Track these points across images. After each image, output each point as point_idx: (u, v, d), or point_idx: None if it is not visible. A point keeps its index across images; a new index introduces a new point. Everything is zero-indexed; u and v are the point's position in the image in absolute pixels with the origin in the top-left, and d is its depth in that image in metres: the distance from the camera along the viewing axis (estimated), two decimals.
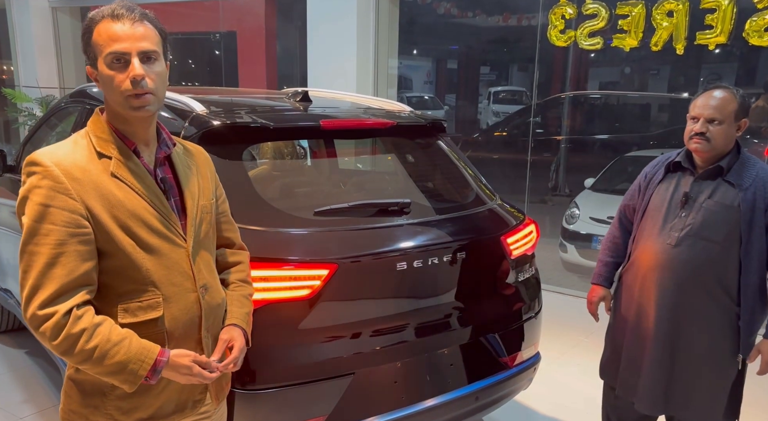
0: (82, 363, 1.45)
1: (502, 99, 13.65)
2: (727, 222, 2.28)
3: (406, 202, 2.53)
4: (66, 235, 1.42)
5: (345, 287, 2.28)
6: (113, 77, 1.46)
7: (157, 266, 1.53)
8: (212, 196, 1.75)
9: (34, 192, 1.43)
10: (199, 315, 1.63)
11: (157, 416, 1.59)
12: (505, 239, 2.69)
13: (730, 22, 4.59)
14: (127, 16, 1.47)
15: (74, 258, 1.43)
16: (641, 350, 2.48)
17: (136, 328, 1.51)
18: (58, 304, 1.41)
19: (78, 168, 1.47)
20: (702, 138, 2.30)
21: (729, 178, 2.31)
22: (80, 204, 1.44)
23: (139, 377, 1.47)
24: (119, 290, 1.51)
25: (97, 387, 1.54)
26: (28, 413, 3.45)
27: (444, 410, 2.51)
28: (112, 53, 1.46)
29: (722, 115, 2.27)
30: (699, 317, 2.36)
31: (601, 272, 2.71)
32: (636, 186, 2.62)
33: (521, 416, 3.53)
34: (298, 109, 2.82)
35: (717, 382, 2.40)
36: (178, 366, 1.52)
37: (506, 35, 9.95)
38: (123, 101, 1.48)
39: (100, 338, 1.43)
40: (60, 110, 3.81)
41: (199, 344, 1.64)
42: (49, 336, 1.41)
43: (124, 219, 1.49)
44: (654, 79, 8.41)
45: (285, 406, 2.20)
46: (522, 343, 2.80)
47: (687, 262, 2.33)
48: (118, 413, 1.55)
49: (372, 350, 2.36)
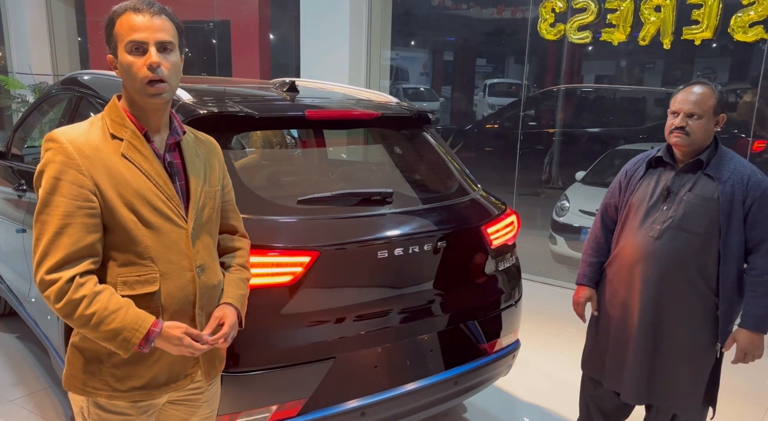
0: (81, 327, 1.56)
1: (497, 91, 13.65)
2: (707, 214, 2.35)
3: (389, 192, 2.59)
4: (74, 207, 1.53)
5: (327, 274, 2.33)
6: (132, 64, 1.58)
7: (156, 243, 1.63)
8: (218, 183, 1.85)
9: (49, 166, 1.55)
10: (194, 293, 1.71)
11: (149, 385, 1.69)
12: (485, 228, 2.75)
13: (716, 17, 4.65)
14: (147, 10, 1.60)
15: (80, 229, 1.54)
16: (625, 341, 2.54)
17: (134, 300, 1.60)
18: (63, 271, 1.52)
19: (90, 146, 1.58)
20: (682, 132, 2.36)
21: (708, 172, 2.38)
22: (89, 180, 1.55)
23: (132, 345, 1.56)
24: (119, 262, 1.61)
25: (95, 354, 1.65)
26: (19, 395, 3.51)
27: (424, 394, 2.58)
28: (132, 42, 1.58)
29: (701, 110, 2.34)
30: (680, 307, 2.43)
31: (586, 272, 2.73)
32: (616, 184, 2.67)
33: (505, 403, 3.60)
34: (285, 99, 2.87)
35: (697, 370, 2.46)
36: (170, 337, 1.61)
37: (501, 27, 9.97)
38: (140, 88, 1.59)
39: (98, 305, 1.53)
40: (50, 97, 3.85)
41: (193, 320, 1.72)
42: (52, 299, 1.52)
43: (128, 197, 1.60)
44: (647, 74, 8.45)
45: (266, 388, 2.26)
46: (501, 330, 2.87)
47: (669, 254, 2.40)
48: (113, 380, 1.65)
49: (353, 335, 2.42)
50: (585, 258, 2.75)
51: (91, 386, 1.66)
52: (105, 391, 1.66)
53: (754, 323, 2.35)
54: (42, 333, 3.32)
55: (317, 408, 2.34)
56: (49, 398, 3.49)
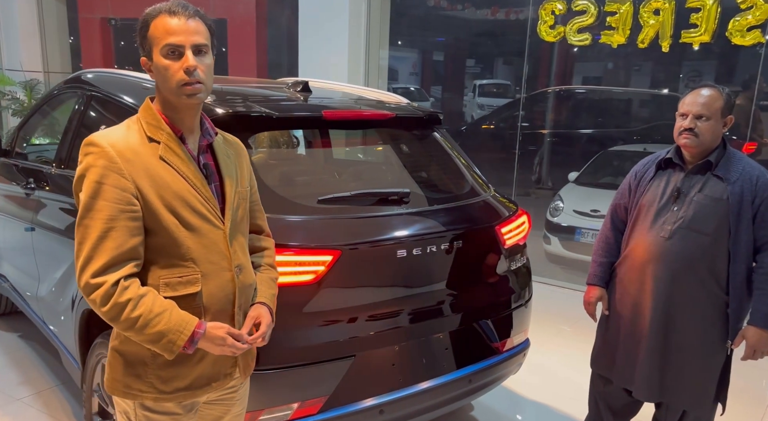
0: (127, 330, 1.57)
1: (487, 92, 13.72)
2: (716, 214, 2.40)
3: (406, 192, 2.62)
4: (117, 211, 1.55)
5: (347, 273, 2.36)
6: (168, 67, 1.59)
7: (197, 244, 1.65)
8: (248, 184, 1.88)
9: (91, 170, 1.56)
10: (234, 293, 1.74)
11: (193, 386, 1.70)
12: (499, 228, 2.79)
13: (714, 21, 4.73)
14: (182, 12, 1.61)
15: (124, 233, 1.55)
16: (637, 339, 2.58)
17: (176, 301, 1.62)
18: (108, 274, 1.53)
19: (130, 150, 1.59)
20: (691, 133, 2.42)
21: (717, 173, 2.43)
22: (131, 183, 1.57)
23: (177, 346, 1.58)
24: (161, 264, 1.63)
25: (138, 357, 1.66)
26: (26, 394, 3.50)
27: (439, 392, 2.61)
28: (168, 45, 1.58)
29: (710, 111, 2.40)
30: (691, 306, 2.47)
31: (597, 272, 2.75)
32: (626, 185, 2.71)
33: (507, 400, 3.65)
34: (299, 99, 2.88)
35: (707, 368, 2.51)
36: (214, 337, 1.63)
37: (492, 29, 10.02)
38: (176, 90, 1.60)
39: (143, 308, 1.55)
40: (55, 97, 3.83)
41: (232, 319, 1.75)
42: (98, 303, 1.54)
43: (169, 199, 1.61)
44: (636, 76, 8.55)
45: (289, 386, 2.28)
46: (513, 329, 2.91)
47: (680, 253, 2.45)
48: (159, 381, 1.67)
49: (371, 333, 2.45)
50: (595, 258, 2.78)
51: (137, 388, 1.67)
52: (151, 393, 1.67)
53: (762, 320, 2.40)
54: (51, 332, 3.31)
55: (337, 406, 2.37)
56: (56, 397, 3.48)
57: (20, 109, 8.76)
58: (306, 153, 3.16)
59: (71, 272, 2.92)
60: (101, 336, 2.60)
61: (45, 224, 3.22)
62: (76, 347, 2.84)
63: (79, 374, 2.86)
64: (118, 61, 9.84)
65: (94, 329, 2.75)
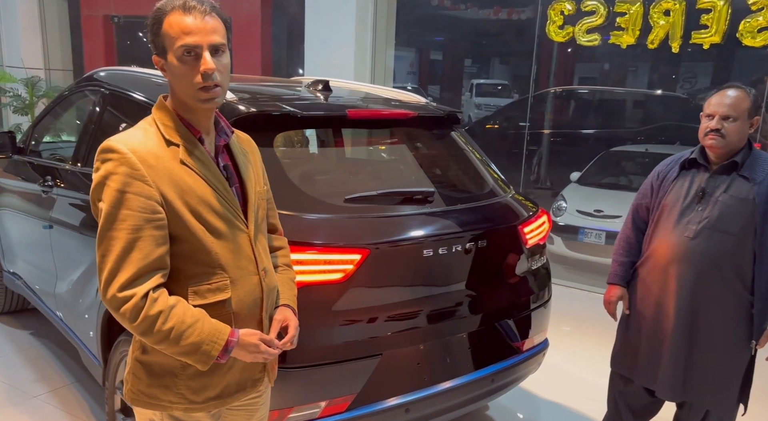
0: (159, 343, 1.50)
1: (484, 92, 13.75)
2: (742, 215, 2.41)
3: (430, 191, 2.63)
4: (142, 220, 1.46)
5: (375, 272, 2.37)
6: (185, 70, 1.50)
7: (224, 250, 1.58)
8: (264, 183, 1.82)
9: (112, 178, 1.47)
10: (261, 297, 1.69)
11: (223, 394, 1.65)
12: (522, 228, 2.80)
13: (724, 22, 4.76)
14: (198, 9, 1.49)
15: (150, 243, 1.47)
16: (660, 339, 2.59)
17: (206, 309, 1.56)
18: (136, 287, 1.45)
19: (152, 155, 1.50)
20: (717, 134, 2.42)
21: (743, 173, 2.44)
22: (155, 190, 1.48)
23: (211, 357, 1.53)
24: (189, 272, 1.56)
25: (166, 368, 1.59)
26: (41, 391, 3.49)
27: (462, 391, 2.62)
28: (185, 46, 1.48)
29: (736, 112, 2.40)
30: (716, 306, 2.48)
31: (618, 272, 2.76)
32: (648, 185, 2.71)
33: (519, 399, 3.66)
34: (321, 98, 2.89)
35: (732, 367, 2.52)
36: (247, 345, 1.58)
37: (492, 29, 10.04)
38: (193, 93, 1.52)
39: (175, 319, 1.48)
40: (69, 96, 3.83)
41: (260, 324, 1.71)
42: (129, 318, 1.46)
43: (194, 205, 1.53)
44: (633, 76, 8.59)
45: (318, 384, 2.29)
46: (533, 329, 2.92)
47: (704, 253, 2.45)
48: (189, 392, 1.61)
49: (398, 332, 2.46)
50: (616, 258, 2.79)
51: (166, 400, 1.61)
52: (181, 404, 1.61)
53: None
54: (69, 330, 3.30)
55: (365, 404, 2.37)
56: (73, 394, 3.47)
57: (22, 107, 8.72)
58: (329, 152, 3.16)
59: (92, 270, 2.92)
60: (124, 334, 2.60)
61: (64, 221, 3.22)
62: (98, 345, 2.84)
63: (100, 371, 2.86)
64: (121, 58, 9.82)
65: (116, 327, 2.75)
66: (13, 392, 3.47)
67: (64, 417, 3.25)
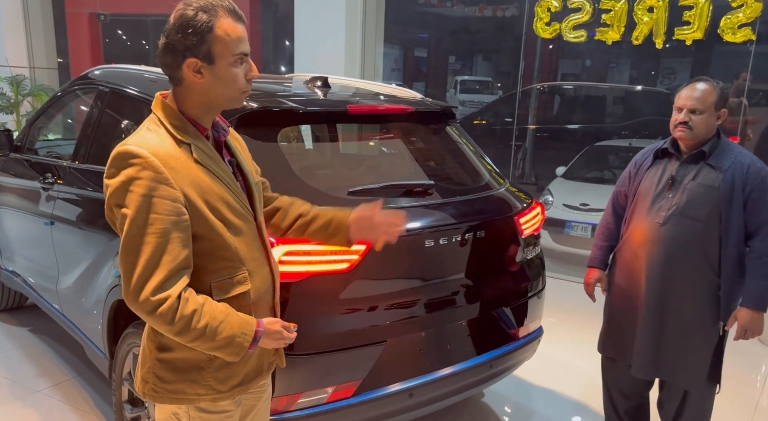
0: (194, 341, 1.54)
1: (468, 88, 13.87)
2: (709, 202, 2.54)
3: (430, 183, 2.72)
4: (169, 223, 1.48)
5: (379, 262, 2.45)
6: (237, 76, 1.55)
7: (241, 244, 1.64)
8: (256, 172, 1.87)
9: (135, 183, 1.47)
10: (273, 284, 1.77)
11: (245, 380, 1.73)
12: (518, 218, 2.90)
13: (706, 18, 4.90)
14: (241, 16, 1.56)
15: (177, 245, 1.50)
16: (634, 319, 2.73)
17: (228, 303, 1.61)
18: (169, 289, 1.48)
19: (171, 157, 1.52)
20: (685, 127, 2.56)
21: (710, 162, 2.57)
22: (179, 192, 1.50)
23: (243, 349, 1.59)
24: (210, 269, 1.60)
25: (192, 363, 1.64)
26: (44, 386, 3.53)
27: (463, 376, 2.72)
28: (240, 54, 1.55)
29: (703, 105, 2.54)
30: (685, 288, 2.62)
31: (597, 256, 2.91)
32: (626, 173, 2.85)
33: (516, 386, 3.77)
34: (321, 94, 2.96)
35: (701, 347, 2.65)
36: (272, 333, 1.65)
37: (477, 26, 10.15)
38: (236, 96, 1.59)
39: (208, 316, 1.53)
40: (66, 95, 3.87)
41: (273, 310, 1.79)
42: (167, 320, 1.48)
43: (213, 203, 1.57)
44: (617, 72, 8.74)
45: (326, 370, 2.37)
46: (529, 316, 3.02)
47: (674, 238, 2.59)
48: (216, 382, 1.66)
49: (401, 320, 2.54)
50: (596, 242, 2.94)
51: (194, 393, 1.66)
52: (209, 395, 1.66)
53: (753, 301, 2.55)
54: (72, 325, 3.35)
55: (370, 389, 2.45)
56: (75, 388, 3.52)
57: (6, 105, 8.67)
58: (331, 146, 3.23)
59: (96, 265, 2.97)
60: (132, 326, 2.66)
61: (66, 218, 3.26)
62: (104, 338, 2.89)
63: (107, 364, 2.91)
64: (108, 57, 9.78)
65: (122, 320, 2.81)
66: (16, 387, 3.51)
67: (69, 410, 3.30)
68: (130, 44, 10.72)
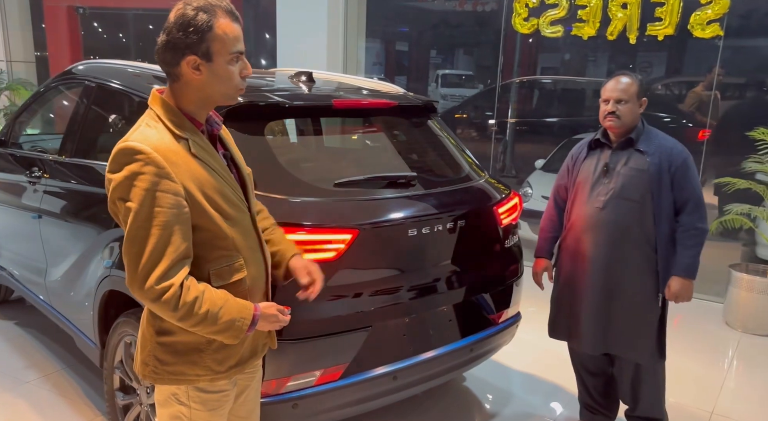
0: (196, 325, 1.63)
1: (450, 82, 13.98)
2: (641, 183, 2.77)
3: (413, 175, 2.83)
4: (172, 216, 1.57)
5: (364, 251, 2.54)
6: (233, 74, 1.64)
7: (237, 233, 1.73)
8: (246, 165, 1.95)
9: (139, 178, 1.55)
10: (266, 270, 1.87)
11: (241, 361, 1.82)
12: (497, 208, 3.01)
13: (677, 15, 5.05)
14: (238, 17, 1.64)
15: (179, 236, 1.58)
16: (580, 300, 2.92)
17: (226, 289, 1.70)
18: (172, 277, 1.58)
19: (171, 152, 1.60)
20: (613, 116, 2.78)
21: (639, 148, 2.80)
22: (180, 186, 1.58)
23: (242, 332, 1.69)
24: (209, 257, 1.69)
25: (191, 345, 1.72)
26: (33, 377, 3.58)
27: (444, 359, 2.83)
28: (237, 52, 1.63)
29: (627, 95, 2.76)
30: (628, 266, 2.83)
31: (543, 246, 3.13)
32: (565, 167, 3.07)
33: (495, 370, 3.90)
34: (305, 89, 3.04)
35: (645, 320, 2.86)
36: (268, 316, 1.75)
37: (457, 20, 10.25)
38: (232, 93, 1.68)
39: (209, 303, 1.62)
40: (49, 90, 3.91)
41: (266, 295, 1.89)
42: (171, 306, 1.58)
43: (211, 195, 1.66)
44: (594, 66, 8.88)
45: (314, 354, 2.46)
46: (508, 302, 3.15)
47: (613, 220, 2.81)
48: (215, 363, 1.75)
49: (386, 306, 2.64)
50: (542, 234, 3.15)
51: (193, 374, 1.74)
52: (208, 375, 1.75)
53: (684, 270, 2.77)
54: (61, 316, 3.40)
55: (356, 372, 2.56)
56: (65, 379, 3.58)
57: None
58: (317, 140, 3.32)
59: (85, 257, 3.03)
60: (123, 315, 2.73)
61: (54, 212, 3.31)
62: (95, 328, 2.96)
63: (98, 353, 2.98)
64: (86, 51, 9.73)
65: (113, 310, 2.88)
66: (5, 379, 3.55)
67: (59, 400, 3.36)
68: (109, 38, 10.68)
